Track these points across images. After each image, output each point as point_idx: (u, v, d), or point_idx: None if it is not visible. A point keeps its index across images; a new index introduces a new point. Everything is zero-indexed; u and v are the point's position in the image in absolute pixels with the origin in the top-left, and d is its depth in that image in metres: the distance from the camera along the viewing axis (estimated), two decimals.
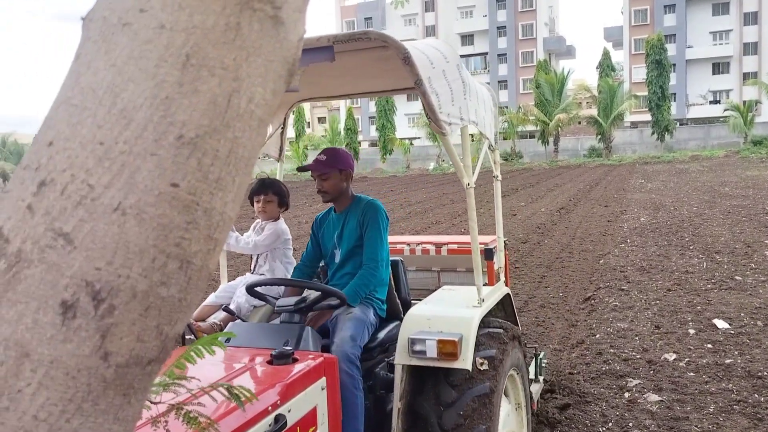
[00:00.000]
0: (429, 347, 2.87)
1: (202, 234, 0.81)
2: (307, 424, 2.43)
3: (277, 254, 3.87)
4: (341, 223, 3.53)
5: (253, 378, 2.48)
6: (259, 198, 3.84)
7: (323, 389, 2.58)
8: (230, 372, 2.50)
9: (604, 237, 12.89)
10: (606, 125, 44.58)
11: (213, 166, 0.81)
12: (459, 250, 4.76)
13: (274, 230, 3.80)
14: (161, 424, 1.24)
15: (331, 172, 3.43)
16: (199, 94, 0.79)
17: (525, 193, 23.90)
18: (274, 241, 3.81)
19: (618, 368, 5.67)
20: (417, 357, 2.93)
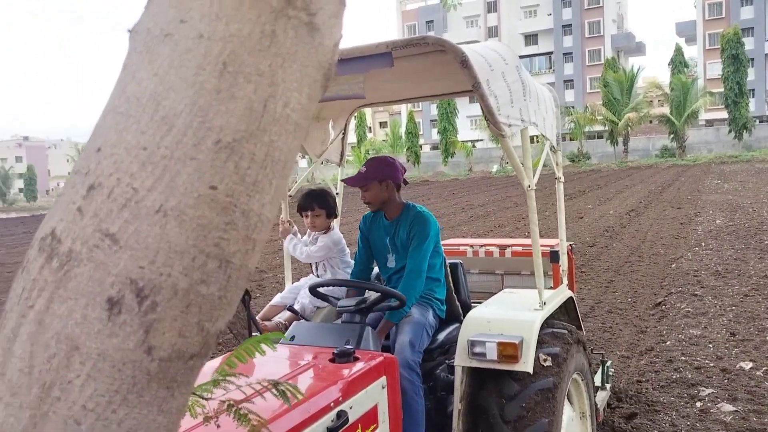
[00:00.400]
0: (489, 349, 2.88)
1: (240, 234, 0.84)
2: (368, 421, 2.47)
3: (335, 261, 3.94)
4: (393, 230, 3.53)
5: (315, 375, 2.54)
6: (306, 213, 3.90)
7: (383, 388, 2.61)
8: (293, 369, 2.57)
9: (677, 240, 12.40)
10: (679, 124, 42.89)
11: (250, 169, 0.84)
12: (523, 252, 4.67)
13: (325, 243, 3.87)
14: (213, 421, 1.28)
15: (371, 183, 3.45)
16: (235, 100, 0.82)
17: (593, 195, 23.27)
18: (326, 253, 3.89)
19: (689, 376, 5.44)
20: (477, 359, 2.94)
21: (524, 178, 3.15)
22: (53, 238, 0.82)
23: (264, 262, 13.68)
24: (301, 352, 2.80)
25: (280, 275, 11.84)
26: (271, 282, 11.29)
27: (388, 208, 3.53)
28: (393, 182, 3.47)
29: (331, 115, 4.36)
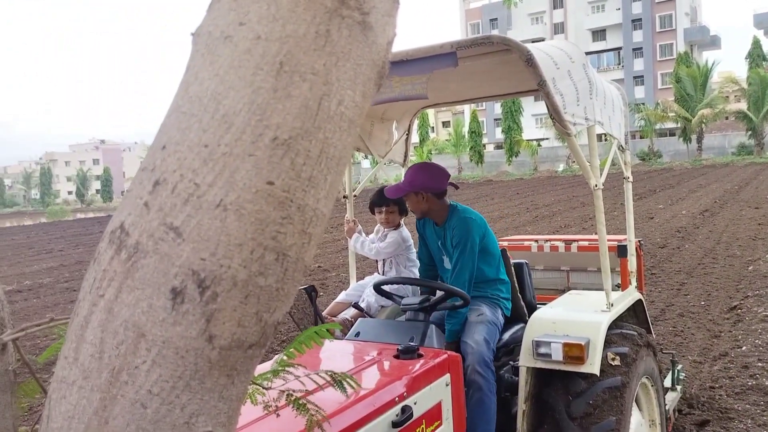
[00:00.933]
0: (554, 350, 2.85)
1: (296, 229, 0.87)
2: (432, 418, 2.48)
3: (401, 260, 3.98)
4: (443, 234, 3.49)
5: (380, 370, 2.56)
6: (381, 210, 3.94)
7: (447, 385, 2.61)
8: (358, 364, 2.61)
9: (754, 242, 11.80)
10: (757, 120, 40.77)
11: (305, 165, 0.86)
12: (590, 247, 4.59)
13: (395, 239, 3.91)
14: (273, 411, 1.32)
15: (408, 195, 3.44)
16: (291, 98, 0.85)
17: (664, 194, 22.44)
18: (395, 249, 3.93)
19: (767, 383, 5.17)
20: (542, 360, 2.90)
21: (591, 177, 3.11)
22: (122, 231, 0.87)
23: (327, 261, 13.89)
24: (365, 347, 2.83)
25: (343, 274, 11.99)
26: (334, 281, 11.45)
27: (434, 216, 3.49)
28: (431, 192, 3.39)
29: (395, 116, 4.39)
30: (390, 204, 3.90)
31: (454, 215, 3.42)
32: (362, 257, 4.30)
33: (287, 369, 1.35)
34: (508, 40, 2.70)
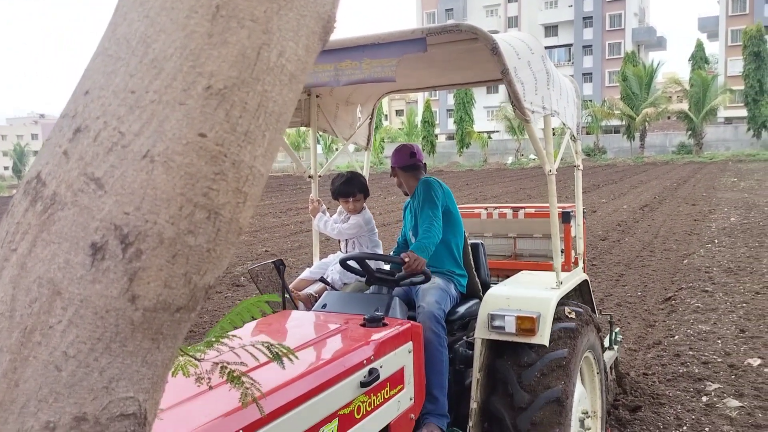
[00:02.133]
0: (508, 323, 3.07)
1: (230, 186, 0.82)
2: (395, 381, 2.69)
3: (363, 240, 4.16)
4: (412, 204, 3.83)
5: (348, 336, 2.72)
6: (347, 200, 4.08)
7: (410, 352, 2.83)
8: (327, 331, 2.81)
9: (690, 236, 12.28)
10: (697, 120, 42.32)
11: (241, 118, 0.81)
12: (536, 214, 4.83)
13: (357, 221, 4.09)
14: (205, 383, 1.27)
15: (396, 171, 3.87)
16: (228, 45, 0.80)
17: (607, 189, 23.08)
18: (358, 231, 4.10)
19: (696, 371, 5.39)
20: (496, 332, 3.13)
21: (546, 163, 3.31)
22: (38, 181, 0.80)
23: (275, 245, 13.71)
24: (333, 317, 3.03)
25: (291, 259, 11.86)
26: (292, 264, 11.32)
27: (411, 189, 3.84)
28: (415, 168, 3.84)
29: (359, 99, 4.49)
30: (357, 193, 4.08)
31: (420, 183, 3.72)
32: (326, 237, 4.35)
33: (222, 341, 1.29)
34: (476, 29, 2.82)
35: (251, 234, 15.50)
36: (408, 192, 3.90)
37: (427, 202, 3.56)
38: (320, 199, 4.30)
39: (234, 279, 10.20)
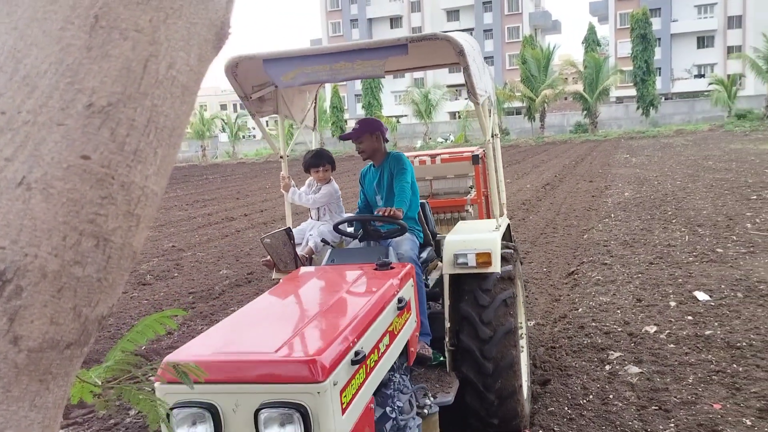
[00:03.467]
0: (470, 259, 3.91)
1: (120, 210, 0.76)
2: (407, 309, 3.44)
3: (333, 207, 4.81)
4: (379, 174, 4.56)
5: (373, 277, 3.42)
6: (317, 169, 4.73)
7: (412, 286, 3.60)
8: (355, 276, 3.51)
9: (589, 212, 12.93)
10: (592, 101, 44.50)
11: (129, 136, 0.75)
12: (449, 159, 5.87)
13: (328, 190, 4.75)
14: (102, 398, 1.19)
15: (364, 135, 4.48)
16: (110, 58, 0.73)
17: (511, 169, 23.88)
18: (329, 198, 4.76)
19: (599, 341, 5.71)
20: (460, 267, 3.94)
21: (486, 134, 4.35)
22: None
23: (182, 240, 13.25)
24: (348, 268, 3.72)
25: (200, 254, 11.50)
26: (190, 261, 10.96)
27: (376, 157, 4.55)
28: (381, 135, 4.52)
29: (308, 86, 4.99)
30: (325, 164, 4.74)
31: (389, 156, 4.53)
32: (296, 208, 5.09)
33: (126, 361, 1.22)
34: (449, 37, 3.68)
35: (156, 229, 14.90)
36: (372, 158, 4.57)
37: (405, 172, 4.38)
38: (290, 176, 4.79)
39: (140, 278, 9.79)
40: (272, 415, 2.23)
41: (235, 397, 2.25)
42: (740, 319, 5.90)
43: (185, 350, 2.53)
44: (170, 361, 1.67)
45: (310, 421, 2.20)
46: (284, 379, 2.25)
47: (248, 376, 2.28)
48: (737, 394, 4.47)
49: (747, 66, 43.28)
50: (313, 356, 2.28)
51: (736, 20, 61.64)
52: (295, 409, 2.20)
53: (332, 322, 2.74)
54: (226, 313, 7.53)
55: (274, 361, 2.32)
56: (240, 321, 2.96)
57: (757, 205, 11.66)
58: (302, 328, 2.64)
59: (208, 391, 2.22)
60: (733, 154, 22.44)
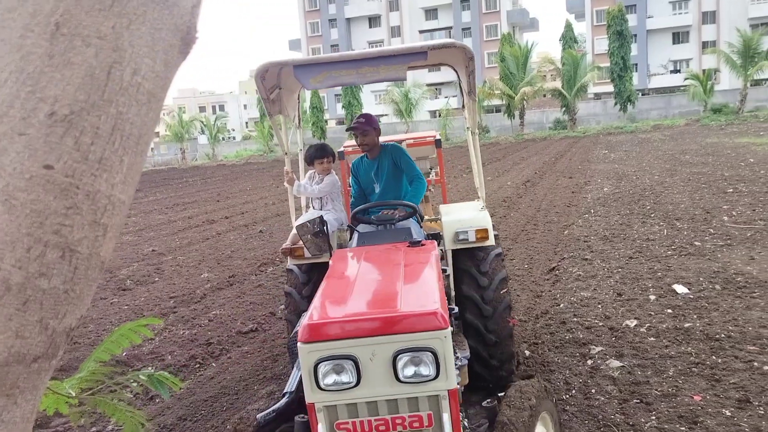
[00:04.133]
0: (470, 235, 4.52)
1: (86, 219, 0.75)
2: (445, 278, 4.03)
3: (334, 195, 5.21)
4: (376, 165, 5.06)
5: (416, 252, 3.90)
6: (321, 161, 5.14)
7: (438, 260, 3.90)
8: (394, 254, 3.90)
9: (569, 208, 13.04)
10: (570, 97, 44.87)
11: (94, 145, 0.74)
12: (416, 143, 6.52)
13: (331, 180, 5.15)
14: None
15: (369, 129, 4.95)
16: (72, 66, 0.72)
17: (492, 167, 24.01)
18: (332, 188, 5.15)
19: (581, 336, 5.75)
20: (462, 243, 4.54)
21: (474, 127, 5.13)
22: None
23: (162, 244, 13.12)
24: (381, 247, 4.15)
25: (180, 257, 11.41)
26: (171, 265, 10.86)
27: (373, 150, 5.06)
28: (379, 130, 5.07)
29: (296, 86, 5.28)
30: (328, 156, 5.16)
31: (386, 149, 5.08)
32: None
33: (101, 371, 1.20)
34: (465, 46, 4.19)
35: (136, 233, 14.75)
36: (370, 151, 5.06)
37: (410, 163, 5.05)
38: (292, 170, 5.13)
39: (120, 283, 9.68)
40: (410, 359, 2.73)
41: (371, 348, 2.72)
42: (718, 311, 5.98)
43: (316, 314, 2.94)
44: (311, 323, 2.69)
45: (438, 361, 2.73)
46: (416, 329, 2.74)
47: (383, 329, 2.74)
48: (716, 385, 4.53)
49: (722, 61, 43.92)
50: (436, 309, 2.82)
51: (710, 16, 62.56)
52: (429, 351, 2.71)
53: (420, 285, 3.30)
54: (208, 317, 7.48)
55: (405, 315, 2.81)
56: (340, 288, 3.39)
57: (734, 198, 11.84)
58: (404, 290, 3.13)
59: (347, 346, 2.70)
60: (709, 148, 22.76)
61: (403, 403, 2.81)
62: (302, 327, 2.75)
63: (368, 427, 2.79)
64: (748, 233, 9.01)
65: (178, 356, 6.35)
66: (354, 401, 2.78)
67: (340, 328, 2.76)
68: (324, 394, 2.75)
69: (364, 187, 5.19)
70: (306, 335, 2.70)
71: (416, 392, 2.79)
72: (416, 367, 2.75)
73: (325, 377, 2.73)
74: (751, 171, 15.34)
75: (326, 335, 2.72)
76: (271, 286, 8.75)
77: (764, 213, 10.27)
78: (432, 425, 2.81)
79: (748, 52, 41.50)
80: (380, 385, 2.77)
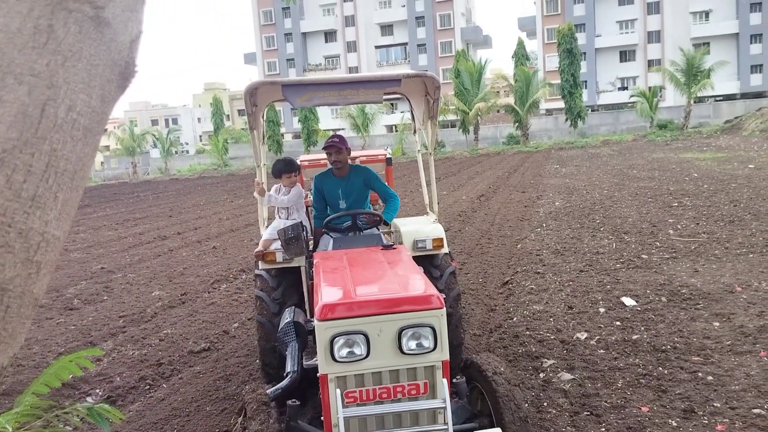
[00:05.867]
0: (427, 243, 5.10)
1: (18, 258, 0.73)
2: None
3: (299, 206, 5.65)
4: (344, 182, 5.44)
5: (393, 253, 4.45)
6: (289, 175, 5.60)
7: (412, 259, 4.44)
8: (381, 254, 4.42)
9: (522, 222, 13.27)
10: (523, 113, 45.80)
11: (27, 183, 0.73)
12: (368, 160, 6.88)
13: (298, 191, 5.62)
14: None
15: (343, 149, 5.37)
16: (4, 104, 0.71)
17: (447, 182, 24.27)
18: (299, 198, 5.62)
19: (534, 350, 5.85)
20: (420, 250, 5.08)
21: (431, 148, 5.70)
22: None
23: (112, 261, 12.79)
24: (358, 250, 4.61)
25: (130, 275, 11.13)
26: (120, 282, 10.59)
27: (344, 168, 5.43)
28: (350, 150, 5.49)
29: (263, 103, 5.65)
30: (295, 170, 5.64)
31: (356, 169, 5.56)
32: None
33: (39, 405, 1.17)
34: (435, 78, 4.86)
35: (84, 250, 14.34)
36: (341, 168, 5.41)
37: (384, 184, 5.63)
38: (263, 182, 5.53)
39: (66, 302, 9.38)
40: (413, 334, 3.24)
41: (379, 325, 3.23)
42: (664, 323, 6.18)
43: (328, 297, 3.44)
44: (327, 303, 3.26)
45: (437, 336, 3.28)
46: (419, 308, 3.28)
47: (390, 308, 3.27)
48: (663, 396, 4.66)
49: (666, 79, 45.63)
50: (434, 293, 3.39)
51: (655, 35, 64.98)
52: (429, 327, 3.25)
53: (410, 276, 3.84)
54: (159, 336, 7.31)
55: (410, 297, 3.38)
56: (339, 279, 3.81)
57: (679, 212, 12.27)
58: (398, 279, 3.71)
59: (358, 323, 3.21)
60: (655, 163, 23.56)
61: (403, 373, 3.30)
62: (319, 307, 3.25)
63: (373, 395, 3.27)
64: (692, 246, 9.35)
65: (127, 378, 6.19)
66: (362, 372, 3.25)
67: (353, 307, 3.26)
68: (337, 365, 3.21)
69: (329, 202, 5.53)
70: (323, 314, 3.21)
71: (416, 363, 3.29)
72: (417, 341, 3.25)
73: (340, 350, 3.20)
74: (694, 185, 15.93)
75: (341, 314, 3.21)
76: (225, 304, 8.62)
77: (707, 226, 10.68)
78: (427, 392, 3.33)
79: (691, 71, 43.24)
80: (386, 357, 3.25)
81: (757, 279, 7.34)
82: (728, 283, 7.27)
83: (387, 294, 3.45)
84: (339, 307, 3.28)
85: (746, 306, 6.44)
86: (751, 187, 14.54)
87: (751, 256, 8.48)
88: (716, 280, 7.46)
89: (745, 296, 6.77)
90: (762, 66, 61.42)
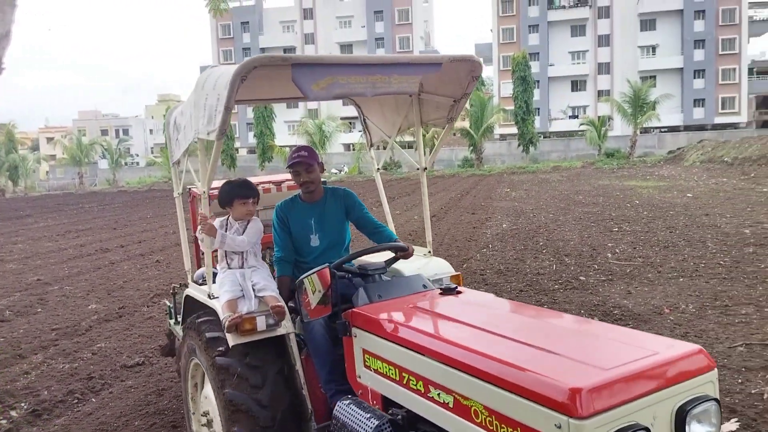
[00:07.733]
0: (445, 281, 4.03)
1: None
2: None
3: (257, 249, 3.92)
4: (318, 211, 4.02)
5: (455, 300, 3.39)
6: (245, 201, 3.82)
7: None
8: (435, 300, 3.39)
9: (469, 242, 13.45)
10: (477, 137, 46.60)
11: None
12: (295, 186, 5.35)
13: (257, 227, 3.85)
14: None
15: (314, 165, 3.95)
16: None
17: (401, 201, 24.44)
18: (258, 237, 3.85)
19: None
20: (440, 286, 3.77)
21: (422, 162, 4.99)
22: None
23: (49, 273, 12.38)
24: (414, 296, 3.48)
25: (67, 287, 10.79)
26: (57, 295, 10.25)
27: (316, 190, 4.02)
28: (322, 166, 4.07)
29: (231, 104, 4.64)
30: (255, 195, 3.87)
31: (333, 192, 4.14)
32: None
33: None
34: (480, 63, 3.95)
35: (21, 261, 13.86)
36: (312, 192, 4.00)
37: (363, 206, 4.20)
38: (212, 216, 3.83)
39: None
40: (702, 412, 2.26)
41: (652, 409, 2.17)
42: None
43: (563, 377, 2.18)
44: (584, 389, 2.02)
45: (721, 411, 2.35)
46: (691, 375, 2.29)
47: (663, 382, 2.22)
48: None
49: (614, 109, 47.26)
50: (697, 346, 2.41)
51: (605, 66, 67.35)
52: (714, 401, 2.28)
53: (572, 332, 2.84)
54: (92, 350, 7.10)
55: (672, 358, 2.30)
56: (499, 348, 2.55)
57: (618, 237, 12.66)
58: (563, 338, 2.65)
59: (628, 412, 2.09)
60: (601, 189, 24.25)
61: None
62: (568, 395, 2.03)
63: None
64: (628, 269, 9.65)
65: (55, 391, 5.99)
66: None
67: (617, 390, 2.10)
68: None
69: (296, 238, 3.98)
70: (586, 406, 2.01)
71: None
72: (700, 424, 2.26)
73: None
74: (635, 212, 16.47)
75: (607, 402, 2.05)
76: (163, 318, 8.45)
77: (643, 251, 11.05)
78: None
79: (638, 102, 44.89)
80: None
81: (685, 302, 7.63)
82: (658, 305, 7.54)
83: (643, 359, 2.28)
84: (603, 391, 2.07)
85: (672, 327, 6.68)
86: (688, 215, 15.12)
87: (681, 279, 8.81)
88: (647, 302, 7.71)
89: (672, 318, 7.03)
90: (704, 100, 64.40)
